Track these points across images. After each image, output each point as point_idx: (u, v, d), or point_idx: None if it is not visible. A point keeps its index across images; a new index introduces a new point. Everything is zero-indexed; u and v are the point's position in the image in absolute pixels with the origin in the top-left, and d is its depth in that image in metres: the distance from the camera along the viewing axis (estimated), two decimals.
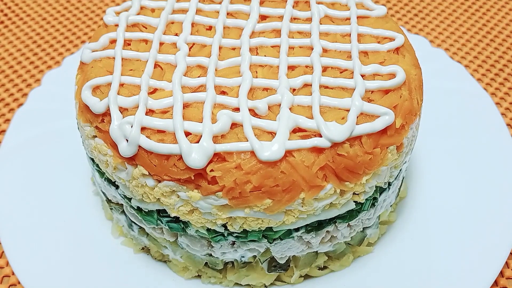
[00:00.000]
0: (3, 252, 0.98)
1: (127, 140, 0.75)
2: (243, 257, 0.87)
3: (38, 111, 1.15)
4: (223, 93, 0.79)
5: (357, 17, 0.90)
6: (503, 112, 1.21)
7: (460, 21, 1.43)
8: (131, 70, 0.82)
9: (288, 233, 0.82)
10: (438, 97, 1.15)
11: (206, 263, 0.90)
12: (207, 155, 0.71)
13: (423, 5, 1.48)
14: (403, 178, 0.96)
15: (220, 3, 0.92)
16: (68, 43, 1.39)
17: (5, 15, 1.47)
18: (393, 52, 0.85)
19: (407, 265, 0.92)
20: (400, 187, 0.97)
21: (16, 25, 1.44)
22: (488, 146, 1.07)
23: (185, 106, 0.77)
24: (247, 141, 0.73)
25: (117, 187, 0.84)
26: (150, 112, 0.76)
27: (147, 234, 0.91)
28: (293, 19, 0.89)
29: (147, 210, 0.83)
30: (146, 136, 0.74)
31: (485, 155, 1.06)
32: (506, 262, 0.96)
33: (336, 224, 0.84)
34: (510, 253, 0.96)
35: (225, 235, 0.82)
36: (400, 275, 0.91)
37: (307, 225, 0.81)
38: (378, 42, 0.86)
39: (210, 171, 0.72)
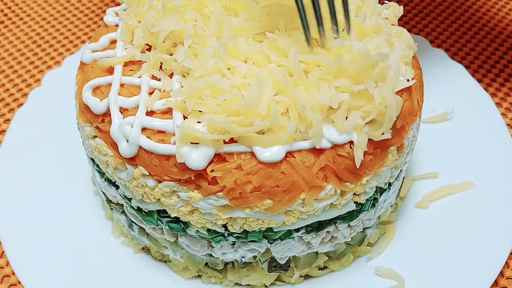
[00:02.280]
0: (3, 252, 0.98)
1: (127, 141, 0.75)
2: (244, 257, 0.87)
3: (38, 111, 1.15)
4: None
5: None
6: (503, 113, 1.21)
7: (461, 21, 1.43)
8: (131, 70, 0.82)
9: (289, 234, 0.82)
10: (438, 97, 1.15)
11: (206, 263, 0.90)
12: (207, 155, 0.71)
13: (423, 5, 1.48)
14: (403, 178, 0.96)
15: None
16: (68, 43, 1.39)
17: (5, 15, 1.47)
18: None
19: (407, 265, 0.92)
20: (401, 187, 0.97)
21: (16, 25, 1.44)
22: (488, 146, 1.07)
23: None
24: None
25: (117, 187, 0.84)
26: (150, 112, 0.76)
27: (147, 234, 0.91)
28: None
29: (147, 211, 0.83)
30: (147, 137, 0.74)
31: (485, 155, 1.06)
32: (506, 262, 0.96)
33: (336, 224, 0.84)
34: (510, 253, 0.96)
35: (226, 235, 0.82)
36: (399, 275, 0.91)
37: (307, 225, 0.81)
38: None
39: (210, 172, 0.72)
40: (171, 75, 0.80)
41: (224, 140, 0.72)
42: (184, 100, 0.72)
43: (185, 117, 0.73)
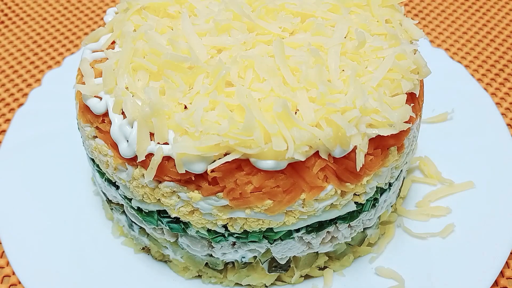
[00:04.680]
0: (3, 252, 0.98)
1: (127, 141, 0.75)
2: (244, 257, 0.87)
3: (39, 111, 1.15)
4: None
5: None
6: (503, 112, 1.21)
7: (460, 21, 1.43)
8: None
9: (289, 234, 0.82)
10: (438, 97, 1.15)
11: (206, 263, 0.90)
12: (207, 161, 0.71)
13: (423, 5, 1.48)
14: (403, 179, 0.96)
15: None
16: (69, 43, 1.39)
17: (5, 15, 1.47)
18: None
19: (407, 265, 0.92)
20: (401, 187, 0.97)
21: (17, 25, 1.44)
22: (488, 146, 1.07)
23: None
24: None
25: (117, 187, 0.84)
26: None
27: (148, 234, 0.91)
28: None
29: (147, 211, 0.83)
30: None
31: (485, 155, 1.06)
32: (506, 262, 0.96)
33: (336, 224, 0.84)
34: (510, 253, 0.96)
35: (226, 235, 0.81)
36: (400, 275, 0.91)
37: (307, 225, 0.81)
38: None
39: (211, 172, 0.72)
40: None
41: None
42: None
43: None
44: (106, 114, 0.78)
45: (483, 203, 0.99)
